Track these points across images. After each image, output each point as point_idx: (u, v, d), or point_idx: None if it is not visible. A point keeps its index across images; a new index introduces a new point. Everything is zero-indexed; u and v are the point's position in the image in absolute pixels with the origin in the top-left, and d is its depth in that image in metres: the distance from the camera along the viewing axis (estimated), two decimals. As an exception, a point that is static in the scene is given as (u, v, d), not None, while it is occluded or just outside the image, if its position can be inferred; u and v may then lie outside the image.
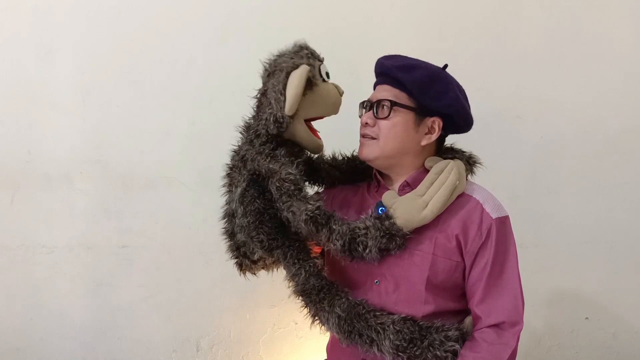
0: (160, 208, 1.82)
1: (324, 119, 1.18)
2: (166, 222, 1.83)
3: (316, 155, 1.25)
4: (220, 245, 1.21)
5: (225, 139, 1.18)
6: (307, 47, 1.15)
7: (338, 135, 1.23)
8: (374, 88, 1.20)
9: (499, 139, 1.81)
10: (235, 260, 1.21)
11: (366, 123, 1.14)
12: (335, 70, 1.18)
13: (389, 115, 1.11)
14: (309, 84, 1.10)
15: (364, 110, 1.18)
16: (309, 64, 1.10)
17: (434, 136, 1.13)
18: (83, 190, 1.81)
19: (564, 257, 1.86)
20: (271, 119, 1.09)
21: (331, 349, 1.23)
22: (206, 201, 1.81)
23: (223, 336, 1.87)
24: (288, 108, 1.07)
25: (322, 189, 1.30)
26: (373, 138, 1.13)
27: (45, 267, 1.83)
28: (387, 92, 1.12)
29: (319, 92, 1.13)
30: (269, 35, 1.76)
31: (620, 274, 1.87)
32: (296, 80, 1.06)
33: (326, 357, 1.26)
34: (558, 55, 1.82)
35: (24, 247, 1.82)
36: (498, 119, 1.81)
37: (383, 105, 1.12)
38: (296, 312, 1.14)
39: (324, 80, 1.15)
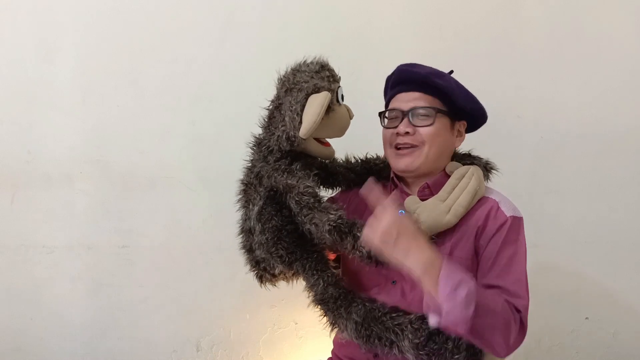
0: (160, 208, 1.82)
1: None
2: (166, 222, 1.83)
3: (329, 160, 1.26)
4: (220, 245, 1.22)
5: (225, 139, 1.18)
6: (328, 67, 1.14)
7: (348, 139, 1.23)
8: (392, 96, 1.18)
9: (499, 139, 1.81)
10: (255, 273, 1.21)
11: (407, 132, 1.12)
12: (336, 70, 1.18)
13: (433, 122, 1.12)
14: (327, 109, 1.09)
15: (386, 119, 1.18)
16: (329, 89, 1.10)
17: (463, 138, 1.19)
18: (83, 190, 1.81)
19: (564, 257, 1.86)
20: (284, 136, 1.10)
21: (339, 342, 1.23)
22: (206, 201, 1.81)
23: (223, 336, 1.87)
24: (304, 132, 1.07)
25: (338, 193, 1.31)
26: (414, 146, 1.13)
27: (45, 267, 1.83)
28: (421, 100, 1.13)
29: (334, 116, 1.13)
30: (269, 35, 1.76)
31: (620, 274, 1.87)
32: (318, 107, 1.06)
33: (331, 353, 1.26)
34: (558, 55, 1.81)
35: (24, 247, 1.82)
36: (498, 119, 1.80)
37: (421, 114, 1.12)
38: (296, 312, 1.14)
39: (339, 104, 1.15)
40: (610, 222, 1.86)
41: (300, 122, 1.07)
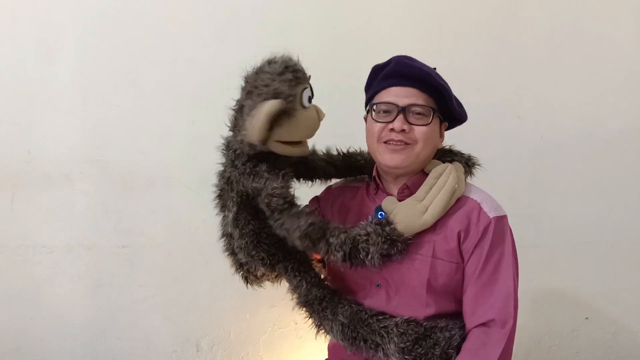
0: (160, 208, 1.82)
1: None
2: (166, 222, 1.83)
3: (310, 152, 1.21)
4: (220, 245, 1.21)
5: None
6: (293, 69, 1.06)
7: (348, 138, 1.22)
8: (383, 88, 1.13)
9: (499, 139, 1.81)
10: (240, 274, 1.20)
11: (403, 129, 1.08)
12: (335, 70, 1.18)
13: (430, 122, 1.09)
14: (286, 114, 1.04)
15: (374, 112, 1.12)
16: (289, 94, 1.03)
17: (443, 139, 1.17)
18: (83, 190, 1.81)
19: (564, 257, 1.86)
20: (246, 141, 1.06)
21: (333, 347, 1.23)
22: (206, 201, 1.79)
23: (223, 336, 1.87)
24: (254, 138, 1.03)
25: (323, 192, 1.29)
26: (406, 144, 1.09)
27: (45, 267, 1.83)
28: (418, 97, 1.09)
29: (295, 120, 1.06)
30: (269, 35, 1.76)
31: (620, 274, 1.87)
32: (264, 115, 1.00)
33: (327, 357, 1.26)
34: (558, 55, 1.82)
35: (24, 247, 1.82)
36: (498, 119, 1.81)
37: (418, 112, 1.09)
38: (296, 312, 1.14)
39: (304, 107, 1.07)
40: (610, 222, 1.86)
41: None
